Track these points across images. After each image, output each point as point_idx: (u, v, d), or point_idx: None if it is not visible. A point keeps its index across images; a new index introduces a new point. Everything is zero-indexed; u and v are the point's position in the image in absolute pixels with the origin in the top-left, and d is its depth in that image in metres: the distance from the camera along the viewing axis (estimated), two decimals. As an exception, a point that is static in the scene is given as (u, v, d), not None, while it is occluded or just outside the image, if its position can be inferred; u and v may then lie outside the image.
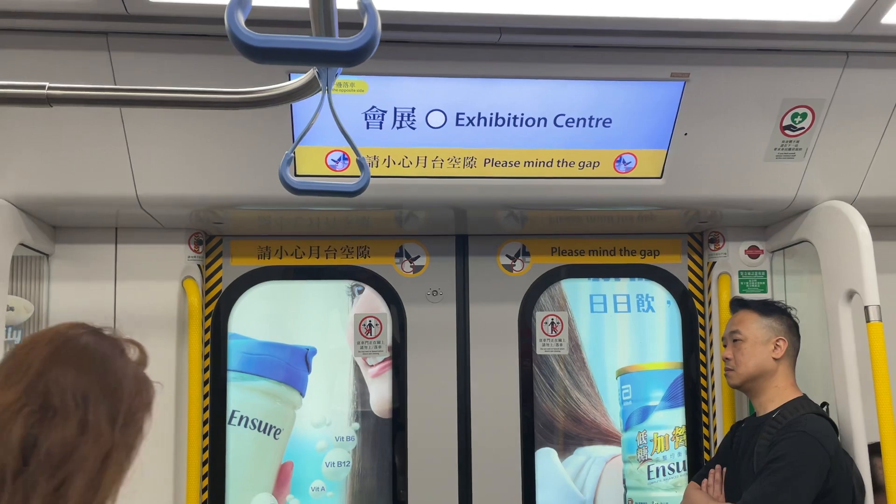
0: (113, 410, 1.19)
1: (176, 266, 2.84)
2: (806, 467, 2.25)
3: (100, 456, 1.16)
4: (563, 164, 2.56)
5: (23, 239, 2.52)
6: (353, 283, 3.10)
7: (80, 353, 1.21)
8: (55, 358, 1.19)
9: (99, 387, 1.19)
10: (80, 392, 1.17)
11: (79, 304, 2.75)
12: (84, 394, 1.17)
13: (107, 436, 1.17)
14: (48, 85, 1.36)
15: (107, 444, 1.17)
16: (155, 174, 2.43)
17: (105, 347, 1.25)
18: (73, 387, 1.17)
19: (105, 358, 1.23)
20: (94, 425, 1.16)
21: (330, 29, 1.12)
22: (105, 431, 1.17)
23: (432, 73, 2.33)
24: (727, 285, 3.03)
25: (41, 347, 1.20)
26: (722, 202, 2.74)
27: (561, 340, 3.14)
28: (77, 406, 1.16)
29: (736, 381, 2.58)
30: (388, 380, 3.06)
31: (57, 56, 2.16)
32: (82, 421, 1.15)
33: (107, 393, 1.20)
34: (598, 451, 3.16)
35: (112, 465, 1.18)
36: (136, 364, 1.29)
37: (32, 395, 1.15)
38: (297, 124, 2.36)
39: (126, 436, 1.21)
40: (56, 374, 1.17)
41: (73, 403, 1.16)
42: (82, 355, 1.21)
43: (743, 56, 2.35)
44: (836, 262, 2.56)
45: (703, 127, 2.50)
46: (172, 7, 2.04)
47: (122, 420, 1.20)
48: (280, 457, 3.01)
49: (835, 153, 2.59)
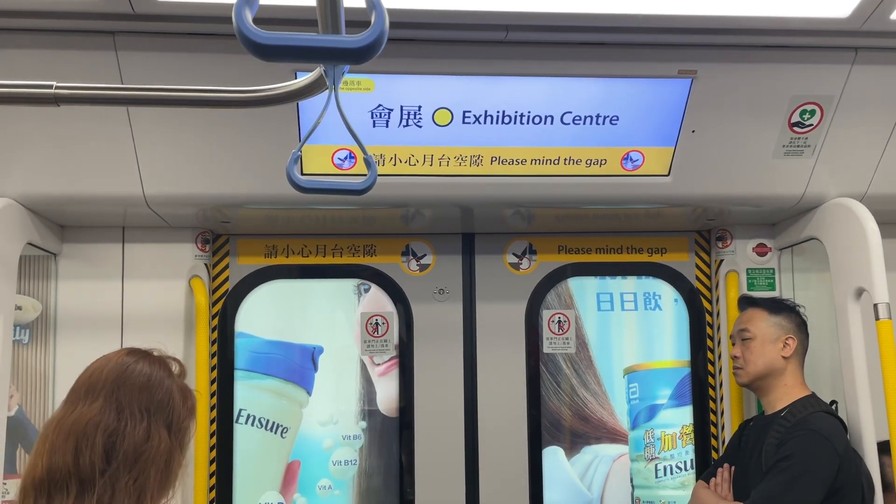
0: (168, 419, 1.48)
1: (183, 265, 2.84)
2: (815, 466, 2.24)
3: (164, 454, 1.45)
4: (569, 162, 2.56)
5: (31, 238, 2.53)
6: (359, 282, 3.10)
7: (139, 375, 1.50)
8: (121, 380, 1.48)
9: (156, 401, 1.48)
10: (143, 406, 1.46)
11: (86, 302, 2.76)
12: (146, 407, 1.46)
13: (166, 439, 1.46)
14: (55, 84, 1.36)
15: (167, 445, 1.46)
16: (162, 173, 2.43)
17: (156, 369, 1.54)
18: (137, 402, 1.46)
19: (158, 377, 1.52)
20: (155, 431, 1.45)
21: (337, 27, 1.11)
22: (164, 436, 1.46)
23: (439, 71, 2.33)
24: (735, 283, 3.01)
25: (109, 371, 1.49)
26: (730, 200, 2.73)
27: (568, 339, 3.13)
28: (142, 417, 1.45)
29: (745, 379, 2.57)
30: (394, 378, 3.06)
31: (64, 55, 2.17)
32: (147, 428, 1.44)
33: (162, 405, 1.49)
34: (606, 449, 3.15)
35: (173, 461, 1.48)
36: (178, 377, 1.57)
37: (108, 409, 1.44)
38: (304, 123, 2.36)
39: (179, 437, 1.51)
40: (124, 393, 1.46)
41: (138, 415, 1.45)
42: (140, 376, 1.50)
43: (751, 53, 2.34)
44: (845, 259, 2.55)
45: (711, 124, 2.49)
46: (179, 6, 2.04)
47: (175, 426, 1.49)
48: (287, 455, 3.02)
49: (843, 150, 2.58)
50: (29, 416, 2.72)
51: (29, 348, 2.74)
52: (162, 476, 1.45)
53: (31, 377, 2.73)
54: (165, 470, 1.46)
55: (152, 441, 1.45)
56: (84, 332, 2.75)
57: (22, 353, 2.72)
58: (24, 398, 2.72)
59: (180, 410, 1.52)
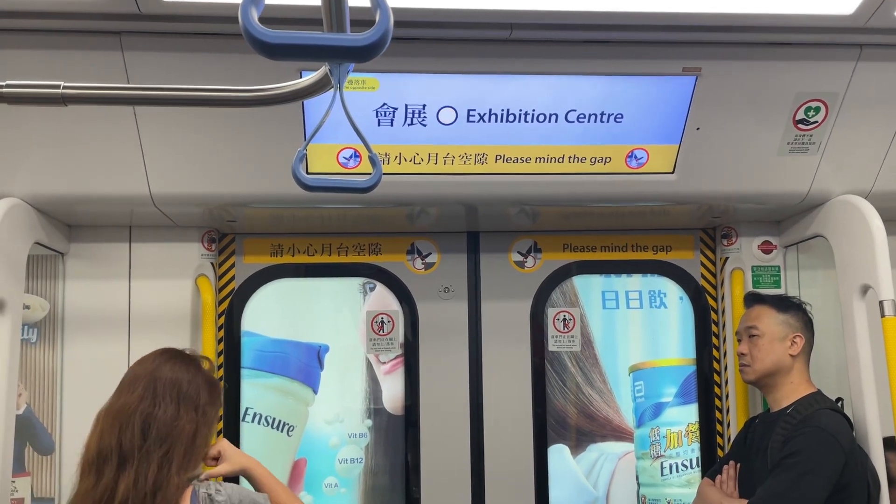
0: (195, 404, 1.81)
1: (189, 264, 2.86)
2: (821, 463, 2.24)
3: (190, 433, 1.77)
4: (574, 160, 2.56)
5: (38, 238, 2.55)
6: (364, 281, 3.11)
7: (171, 369, 1.84)
8: (156, 374, 1.82)
9: (185, 390, 1.81)
10: (174, 394, 1.79)
11: (94, 302, 2.78)
12: (176, 395, 1.79)
13: (193, 420, 1.79)
14: (63, 84, 1.37)
15: (193, 426, 1.78)
16: (168, 173, 2.45)
17: (187, 364, 1.88)
18: (169, 391, 1.80)
19: (187, 371, 1.86)
20: (183, 414, 1.78)
21: (342, 26, 1.12)
22: (191, 417, 1.79)
23: (443, 69, 2.34)
24: (740, 281, 3.01)
25: (148, 364, 1.86)
26: (735, 197, 2.73)
27: (573, 337, 3.14)
28: (172, 401, 1.78)
29: (751, 376, 2.56)
30: (400, 377, 3.07)
31: (70, 56, 2.18)
32: (175, 412, 1.77)
33: (190, 394, 1.82)
34: (611, 447, 3.16)
35: (198, 438, 1.80)
36: (207, 371, 1.91)
37: (146, 395, 1.78)
38: (309, 122, 2.37)
39: (206, 419, 1.83)
40: (160, 382, 1.81)
41: (169, 398, 1.78)
42: (172, 370, 1.84)
43: (755, 50, 2.34)
44: (851, 256, 2.54)
45: (716, 121, 2.49)
46: (185, 6, 2.05)
47: (201, 409, 1.82)
48: (293, 453, 3.03)
49: (848, 147, 2.57)
50: (37, 414, 2.73)
51: (37, 347, 2.75)
52: (187, 450, 1.78)
53: (40, 376, 2.75)
54: (191, 446, 1.79)
55: (180, 421, 1.79)
56: (91, 330, 2.77)
57: (30, 351, 2.74)
58: (32, 397, 2.74)
59: (206, 398, 1.85)
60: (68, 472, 2.69)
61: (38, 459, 2.72)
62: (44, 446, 2.73)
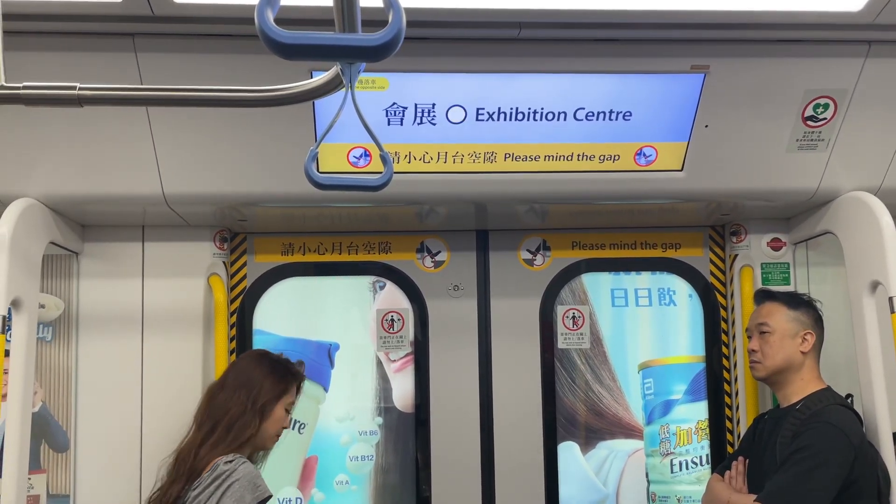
0: (252, 395, 2.31)
1: (201, 263, 2.88)
2: (830, 458, 2.24)
3: (236, 417, 2.27)
4: (583, 158, 2.57)
5: (53, 237, 2.57)
6: (374, 279, 3.13)
7: (243, 366, 2.41)
8: (235, 367, 2.45)
9: (247, 382, 2.34)
10: (237, 383, 2.34)
11: (107, 300, 2.80)
12: (239, 384, 2.33)
13: (242, 406, 2.28)
14: (79, 86, 1.39)
15: (240, 411, 2.28)
16: (181, 172, 2.47)
17: (264, 362, 2.41)
18: (235, 380, 2.36)
19: (256, 368, 2.38)
20: (236, 400, 2.29)
21: (353, 26, 1.14)
22: (242, 403, 2.29)
23: (452, 68, 2.35)
24: (749, 278, 3.01)
25: (233, 362, 2.57)
26: (744, 194, 2.73)
27: (582, 334, 3.15)
28: (232, 389, 2.32)
29: (762, 373, 2.55)
30: (410, 375, 3.08)
31: (85, 58, 2.21)
32: (230, 396, 2.31)
33: (250, 385, 2.33)
34: (621, 444, 3.16)
35: (240, 423, 2.27)
36: (285, 375, 2.41)
37: (220, 382, 2.40)
38: (319, 122, 2.39)
39: (258, 410, 2.29)
40: (232, 374, 2.40)
41: (231, 388, 2.33)
42: (244, 366, 2.41)
43: (763, 47, 2.34)
44: (860, 253, 2.54)
45: (724, 119, 2.49)
46: (197, 8, 2.07)
47: (257, 402, 2.30)
48: (305, 451, 3.05)
49: (858, 143, 2.57)
50: (52, 412, 2.77)
51: (52, 346, 2.78)
52: (227, 431, 2.25)
53: (55, 374, 2.78)
54: (234, 428, 2.25)
55: (229, 404, 2.29)
56: (105, 329, 2.79)
57: (45, 350, 2.77)
58: (47, 395, 2.77)
59: (265, 393, 2.32)
60: (83, 470, 2.74)
61: (53, 457, 2.75)
62: (59, 444, 2.76)
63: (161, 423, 2.66)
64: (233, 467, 2.15)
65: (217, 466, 2.16)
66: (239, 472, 2.13)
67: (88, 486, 2.74)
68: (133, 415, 2.77)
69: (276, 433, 2.37)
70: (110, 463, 2.75)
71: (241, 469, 2.15)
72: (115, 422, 2.76)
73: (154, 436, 2.71)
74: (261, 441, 2.34)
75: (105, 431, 2.76)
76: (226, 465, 2.16)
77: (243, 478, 2.13)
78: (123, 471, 2.74)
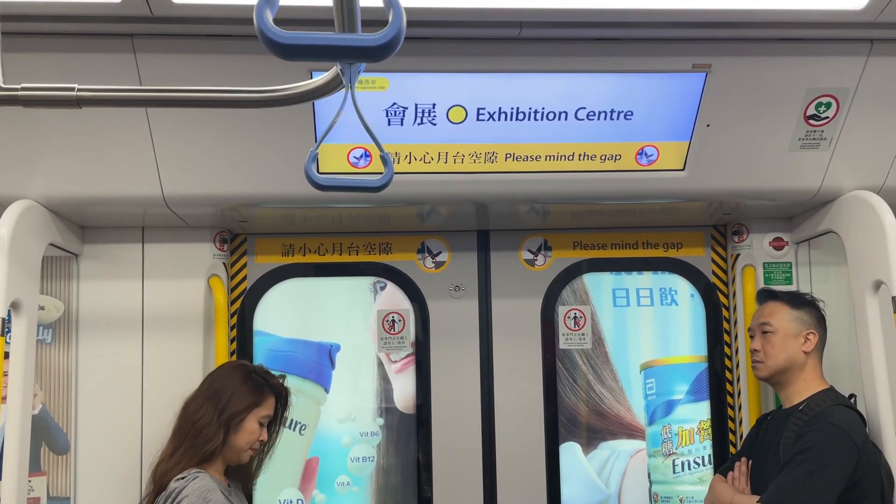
0: (222, 407, 2.25)
1: (202, 264, 2.88)
2: (833, 459, 2.23)
3: (201, 427, 2.22)
4: (584, 158, 2.56)
5: (52, 239, 2.57)
6: (375, 280, 3.12)
7: (219, 376, 2.37)
8: (211, 376, 2.39)
9: (219, 393, 2.28)
10: (209, 394, 2.29)
11: (107, 302, 2.80)
12: (210, 395, 2.29)
13: (209, 417, 2.23)
14: (77, 87, 1.38)
15: (206, 422, 2.22)
16: (180, 174, 2.46)
17: (238, 372, 2.34)
18: (207, 390, 2.31)
19: (230, 378, 2.32)
20: (204, 411, 2.25)
21: (353, 26, 1.13)
22: (209, 415, 2.23)
23: (453, 68, 2.34)
24: (752, 278, 3.00)
25: (213, 370, 2.49)
26: (746, 193, 2.72)
27: (584, 335, 3.14)
28: (203, 399, 2.28)
29: (764, 373, 2.54)
30: (411, 375, 3.08)
31: (84, 59, 2.20)
32: (199, 406, 2.26)
33: (220, 396, 2.27)
34: (623, 445, 3.15)
35: (205, 435, 2.21)
36: (260, 387, 2.33)
37: (195, 392, 2.34)
38: (319, 122, 2.38)
39: (225, 423, 2.23)
40: (206, 384, 2.36)
41: (202, 398, 2.29)
42: (219, 376, 2.37)
43: (765, 46, 2.33)
44: (863, 252, 2.53)
45: (726, 118, 2.48)
46: (196, 8, 2.06)
47: (225, 414, 2.24)
48: (306, 452, 3.04)
49: (860, 142, 2.56)
50: (52, 414, 2.76)
51: (52, 348, 2.78)
52: (192, 443, 2.20)
53: (55, 376, 2.77)
54: (199, 437, 2.20)
55: (198, 414, 2.24)
56: (105, 331, 2.79)
57: (45, 352, 2.77)
58: (47, 397, 2.76)
59: (234, 405, 2.25)
60: (84, 472, 2.73)
61: (53, 459, 2.75)
62: (59, 446, 2.75)
63: (161, 425, 2.63)
64: (182, 485, 2.10)
65: (169, 484, 2.13)
66: (188, 490, 2.08)
67: (89, 489, 2.74)
68: (133, 417, 2.76)
69: (247, 446, 2.28)
70: (111, 465, 2.74)
71: (191, 486, 2.10)
72: (115, 424, 2.75)
73: (154, 438, 2.69)
74: (231, 454, 2.28)
75: (105, 434, 2.75)
76: (176, 482, 2.12)
77: (192, 494, 2.08)
78: (124, 473, 2.73)
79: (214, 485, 2.16)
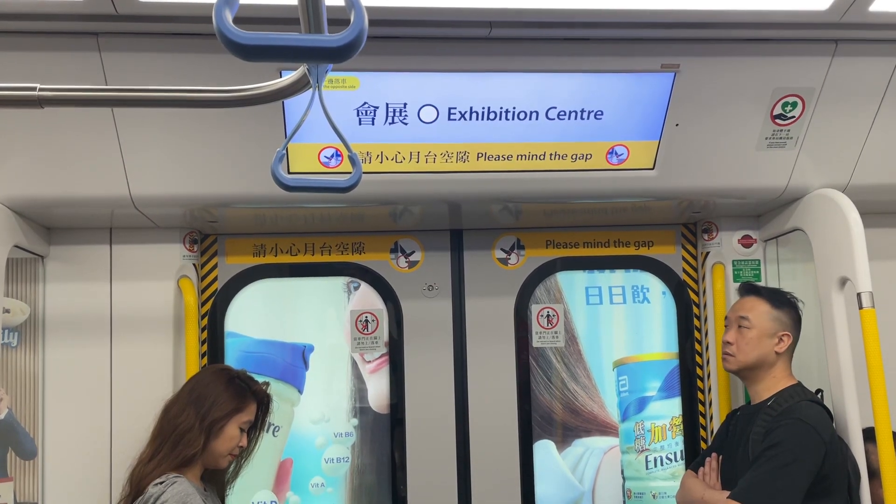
0: (203, 411, 2.24)
1: (171, 265, 2.84)
2: (801, 454, 2.26)
3: (182, 430, 2.21)
4: (555, 157, 2.57)
5: (17, 241, 2.52)
6: (348, 280, 3.11)
7: (200, 380, 2.36)
8: (192, 380, 2.39)
9: (201, 398, 2.27)
10: (191, 398, 2.28)
11: (74, 304, 2.75)
12: (192, 399, 2.27)
13: (191, 421, 2.22)
14: (39, 86, 1.36)
15: (188, 426, 2.22)
16: (148, 174, 2.43)
17: (221, 377, 2.33)
18: (189, 394, 2.30)
19: (213, 382, 2.31)
20: (186, 414, 2.24)
21: (319, 26, 1.12)
22: (191, 419, 2.23)
23: (423, 68, 2.34)
24: (721, 275, 3.04)
25: (195, 374, 2.49)
26: (714, 192, 2.75)
27: (557, 333, 3.15)
28: (185, 403, 2.27)
29: (733, 366, 2.55)
30: (385, 375, 3.07)
31: (47, 57, 2.16)
32: (181, 410, 2.25)
33: (202, 401, 2.26)
34: (596, 442, 3.17)
35: (186, 438, 2.21)
36: (243, 392, 2.32)
37: (176, 395, 2.36)
38: (290, 122, 2.36)
39: (205, 426, 2.23)
40: (188, 388, 2.34)
41: (184, 401, 2.27)
42: (200, 379, 2.35)
43: (732, 46, 2.36)
44: (829, 249, 2.57)
45: (695, 117, 2.51)
46: (162, 7, 2.04)
47: (207, 418, 2.24)
48: (279, 454, 3.02)
49: (826, 141, 2.60)
50: (19, 418, 2.71)
51: (18, 351, 2.73)
52: (172, 448, 2.20)
53: (21, 380, 2.72)
54: (180, 442, 2.20)
55: (179, 419, 2.23)
56: (73, 334, 2.74)
57: (11, 356, 2.71)
58: (13, 401, 2.71)
59: (216, 410, 2.25)
60: (51, 477, 2.69)
61: (20, 464, 2.70)
62: (26, 451, 2.70)
63: (131, 429, 2.60)
64: (161, 490, 2.09)
65: (147, 488, 2.12)
66: (167, 495, 2.07)
67: (57, 494, 2.69)
68: (102, 421, 2.72)
69: (227, 452, 2.29)
70: (79, 470, 2.70)
71: (170, 491, 2.08)
72: (83, 428, 2.71)
73: (124, 442, 2.66)
74: (210, 459, 2.28)
75: (73, 438, 2.71)
76: (154, 487, 2.10)
77: (171, 499, 2.06)
78: (92, 478, 2.70)
79: (193, 490, 2.15)
